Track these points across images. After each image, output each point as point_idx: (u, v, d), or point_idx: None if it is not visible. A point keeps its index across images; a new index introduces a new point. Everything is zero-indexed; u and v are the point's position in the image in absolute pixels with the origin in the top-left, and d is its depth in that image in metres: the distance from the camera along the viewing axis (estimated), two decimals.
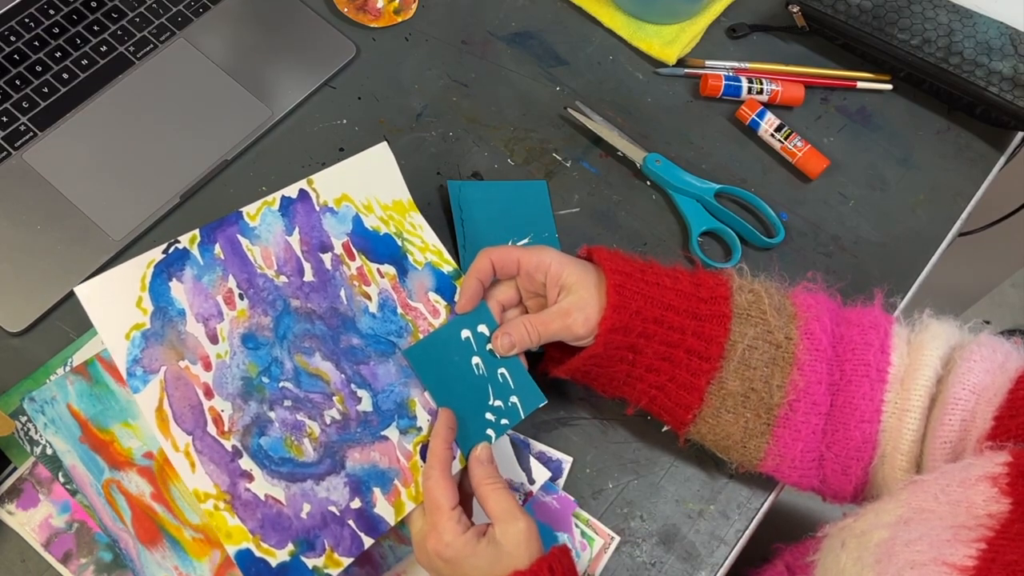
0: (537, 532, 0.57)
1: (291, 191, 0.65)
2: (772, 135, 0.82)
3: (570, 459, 0.68)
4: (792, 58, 0.88)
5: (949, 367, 0.61)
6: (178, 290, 0.59)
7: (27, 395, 0.63)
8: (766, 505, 0.68)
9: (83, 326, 0.67)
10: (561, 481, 0.67)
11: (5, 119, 0.73)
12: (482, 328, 0.64)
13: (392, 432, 0.61)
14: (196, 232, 0.61)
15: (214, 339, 0.59)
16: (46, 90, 0.75)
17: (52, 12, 0.78)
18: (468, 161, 0.79)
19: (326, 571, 0.57)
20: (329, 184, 0.67)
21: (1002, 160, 0.87)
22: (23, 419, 0.63)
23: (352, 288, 0.64)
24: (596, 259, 0.63)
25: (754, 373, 0.61)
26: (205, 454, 0.57)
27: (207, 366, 0.58)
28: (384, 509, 0.59)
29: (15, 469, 0.62)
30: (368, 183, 0.68)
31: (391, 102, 0.80)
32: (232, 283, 0.61)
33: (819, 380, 0.61)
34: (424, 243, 0.68)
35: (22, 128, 0.73)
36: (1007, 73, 0.81)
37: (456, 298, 0.65)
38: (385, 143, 0.70)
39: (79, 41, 0.77)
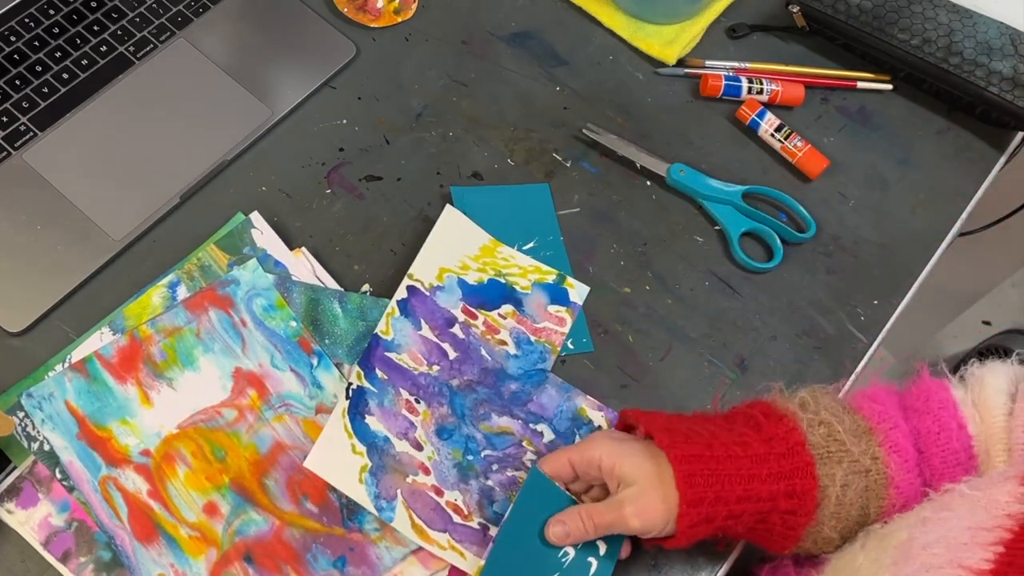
0: None
1: (401, 293, 0.70)
2: (772, 135, 0.82)
3: None
4: (792, 58, 0.88)
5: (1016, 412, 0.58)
6: (373, 422, 0.65)
7: (25, 391, 0.63)
8: None
9: (83, 326, 0.67)
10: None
11: (5, 119, 0.73)
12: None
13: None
14: (358, 368, 0.66)
15: (418, 447, 0.65)
16: (46, 90, 0.75)
17: (52, 12, 0.78)
18: (468, 161, 0.79)
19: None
20: (425, 267, 0.71)
21: (1002, 160, 0.86)
22: (21, 415, 0.63)
23: (488, 343, 0.70)
24: (657, 444, 0.58)
25: (850, 510, 0.57)
26: (464, 541, 0.63)
27: (426, 471, 0.64)
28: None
29: (15, 468, 0.62)
30: (453, 246, 0.73)
31: (391, 102, 0.81)
32: (405, 394, 0.67)
33: (914, 490, 0.58)
34: (522, 268, 0.73)
35: (22, 128, 0.73)
36: (1007, 73, 0.81)
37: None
38: (448, 206, 0.74)
39: (79, 41, 0.77)
